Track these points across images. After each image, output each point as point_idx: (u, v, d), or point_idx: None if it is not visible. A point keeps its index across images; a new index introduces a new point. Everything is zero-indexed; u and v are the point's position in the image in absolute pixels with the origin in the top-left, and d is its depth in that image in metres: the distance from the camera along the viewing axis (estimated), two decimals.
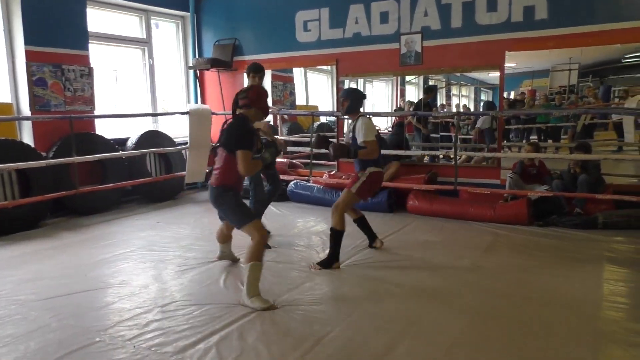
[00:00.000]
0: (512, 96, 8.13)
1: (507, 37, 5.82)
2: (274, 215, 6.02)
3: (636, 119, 6.89)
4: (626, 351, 2.66)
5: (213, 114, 7.37)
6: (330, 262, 4.01)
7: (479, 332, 2.89)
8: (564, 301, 3.32)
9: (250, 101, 3.44)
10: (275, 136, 5.33)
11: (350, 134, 4.17)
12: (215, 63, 7.52)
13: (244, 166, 3.29)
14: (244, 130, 3.35)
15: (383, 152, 6.28)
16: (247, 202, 4.09)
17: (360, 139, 4.01)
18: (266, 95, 3.58)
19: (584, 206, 5.43)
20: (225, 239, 4.07)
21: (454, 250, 4.51)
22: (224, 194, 3.40)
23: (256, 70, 4.62)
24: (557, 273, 3.85)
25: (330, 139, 4.27)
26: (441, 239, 4.84)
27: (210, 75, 8.03)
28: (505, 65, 5.90)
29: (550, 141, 7.42)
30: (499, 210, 5.48)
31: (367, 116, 4.32)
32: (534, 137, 7.17)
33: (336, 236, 4.03)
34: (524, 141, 6.72)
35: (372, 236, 4.57)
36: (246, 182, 4.85)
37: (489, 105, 7.04)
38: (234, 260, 4.16)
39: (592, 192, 5.27)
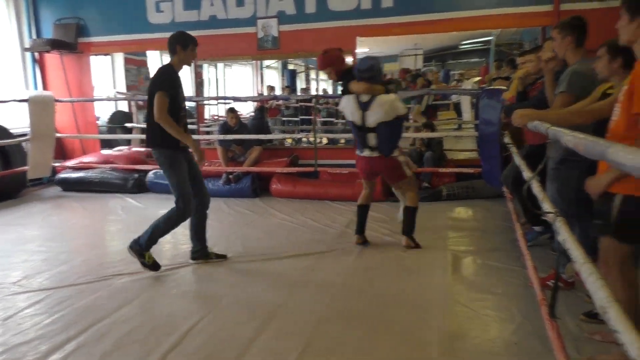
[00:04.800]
0: None
1: (357, 24, 6.09)
2: (133, 208, 5.72)
3: (472, 100, 7.72)
4: (467, 307, 3.01)
5: (57, 101, 6.75)
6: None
7: (343, 304, 3.07)
8: (415, 268, 3.65)
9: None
10: None
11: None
12: (56, 45, 6.84)
13: None
14: None
15: (246, 137, 6.32)
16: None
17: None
18: None
19: (431, 180, 5.98)
20: None
21: (316, 230, 4.70)
22: None
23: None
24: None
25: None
26: (303, 220, 5.00)
27: (52, 59, 7.28)
28: (357, 51, 6.19)
29: None
30: (357, 188, 5.79)
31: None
32: None
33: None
34: None
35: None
36: None
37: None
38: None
39: (437, 167, 5.83)
